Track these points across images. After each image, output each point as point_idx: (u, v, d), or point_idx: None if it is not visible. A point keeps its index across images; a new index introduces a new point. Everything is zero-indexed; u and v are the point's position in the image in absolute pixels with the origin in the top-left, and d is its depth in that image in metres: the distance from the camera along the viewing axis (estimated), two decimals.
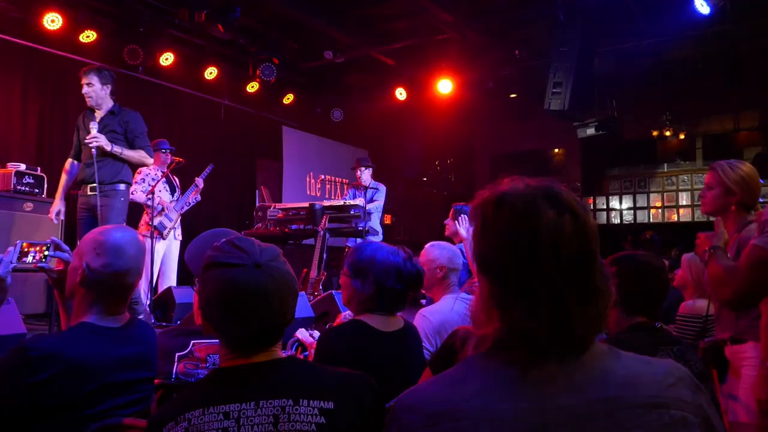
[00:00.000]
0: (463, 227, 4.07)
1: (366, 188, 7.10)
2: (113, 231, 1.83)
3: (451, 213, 4.63)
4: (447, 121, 10.29)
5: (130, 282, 1.82)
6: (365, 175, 7.35)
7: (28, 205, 5.55)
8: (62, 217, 4.81)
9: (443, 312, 2.88)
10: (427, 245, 3.12)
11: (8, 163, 5.50)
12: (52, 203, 4.78)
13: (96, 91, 4.68)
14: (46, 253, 1.95)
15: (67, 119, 7.44)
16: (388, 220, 9.53)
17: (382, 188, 7.33)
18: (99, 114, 4.77)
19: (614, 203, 11.54)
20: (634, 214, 11.43)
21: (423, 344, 2.80)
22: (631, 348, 1.04)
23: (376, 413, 1.34)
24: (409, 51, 8.86)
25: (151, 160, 4.97)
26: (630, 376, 0.94)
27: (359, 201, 6.74)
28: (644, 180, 11.24)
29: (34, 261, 1.93)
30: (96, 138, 4.53)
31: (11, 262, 1.83)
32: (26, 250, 1.92)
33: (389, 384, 1.42)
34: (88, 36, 7.21)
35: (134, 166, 4.90)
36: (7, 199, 5.22)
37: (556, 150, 11.93)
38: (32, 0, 6.75)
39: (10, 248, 1.88)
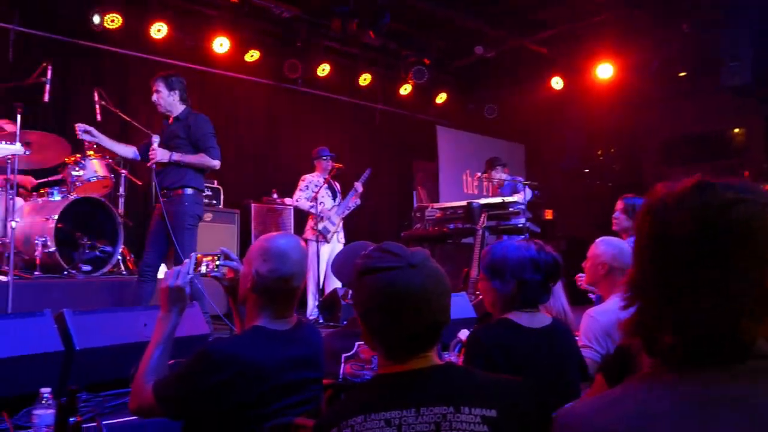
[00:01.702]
0: None
1: (515, 182, 6.89)
2: (277, 238, 1.91)
3: (620, 206, 4.33)
4: (609, 108, 9.69)
5: (296, 285, 1.88)
6: (501, 174, 7.16)
7: (207, 216, 6.04)
8: (87, 138, 4.66)
9: (611, 312, 2.71)
10: (598, 240, 2.98)
11: None
12: (228, 213, 4.99)
13: (164, 97, 4.62)
14: (218, 263, 2.11)
15: (238, 133, 8.05)
16: (549, 215, 9.20)
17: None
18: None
19: None
20: None
21: (591, 345, 2.67)
22: None
23: (539, 422, 1.27)
24: (562, 38, 8.48)
25: (215, 162, 4.62)
26: None
27: (517, 197, 6.58)
28: None
29: (208, 271, 2.11)
30: (154, 153, 4.49)
31: (188, 273, 2.00)
32: (200, 261, 2.10)
33: (542, 382, 1.35)
34: (252, 55, 7.76)
35: (203, 171, 4.67)
36: None
37: (736, 130, 10.78)
38: (203, 27, 7.39)
39: (186, 260, 2.06)
